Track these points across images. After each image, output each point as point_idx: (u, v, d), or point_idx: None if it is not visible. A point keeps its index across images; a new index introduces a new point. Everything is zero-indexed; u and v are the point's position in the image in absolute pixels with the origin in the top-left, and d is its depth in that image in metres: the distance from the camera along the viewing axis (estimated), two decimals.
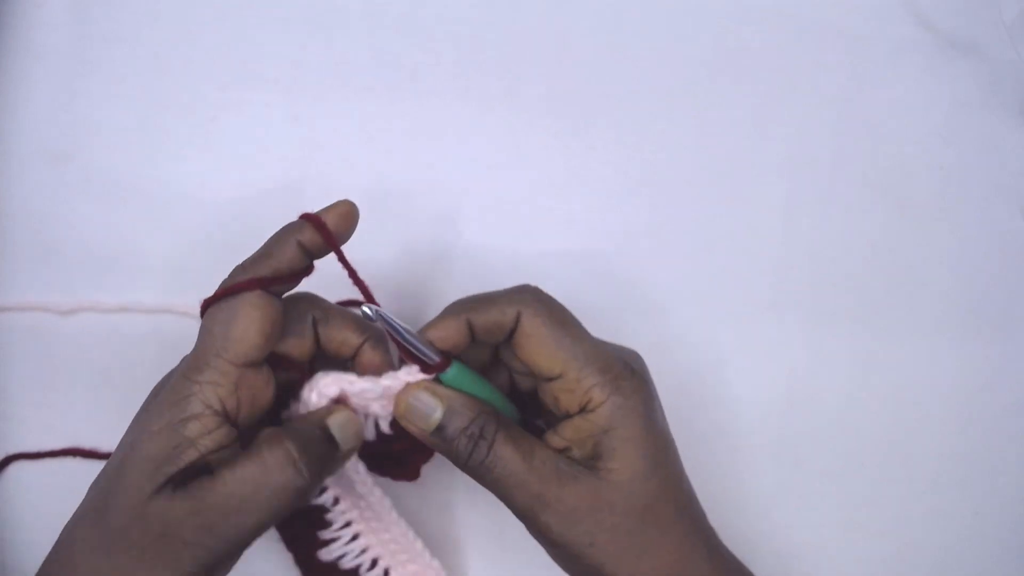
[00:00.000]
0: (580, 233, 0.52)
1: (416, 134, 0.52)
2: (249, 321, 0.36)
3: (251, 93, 0.52)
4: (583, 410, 0.36)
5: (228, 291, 0.36)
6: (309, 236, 0.37)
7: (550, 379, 0.37)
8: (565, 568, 0.38)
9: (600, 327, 0.39)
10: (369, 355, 0.39)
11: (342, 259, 0.38)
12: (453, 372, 0.37)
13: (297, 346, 0.39)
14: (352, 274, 0.39)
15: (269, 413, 0.39)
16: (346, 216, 0.38)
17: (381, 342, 0.39)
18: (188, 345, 0.37)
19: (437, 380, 0.37)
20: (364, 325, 0.39)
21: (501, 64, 0.53)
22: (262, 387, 0.37)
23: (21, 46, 0.52)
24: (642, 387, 0.37)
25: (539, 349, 0.36)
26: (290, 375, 0.39)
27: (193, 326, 0.38)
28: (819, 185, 0.53)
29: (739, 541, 0.48)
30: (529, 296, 0.37)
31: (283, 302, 0.38)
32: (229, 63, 0.53)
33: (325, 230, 0.37)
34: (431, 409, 0.36)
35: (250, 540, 0.35)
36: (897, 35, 0.55)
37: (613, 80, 0.54)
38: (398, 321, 0.36)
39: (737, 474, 0.48)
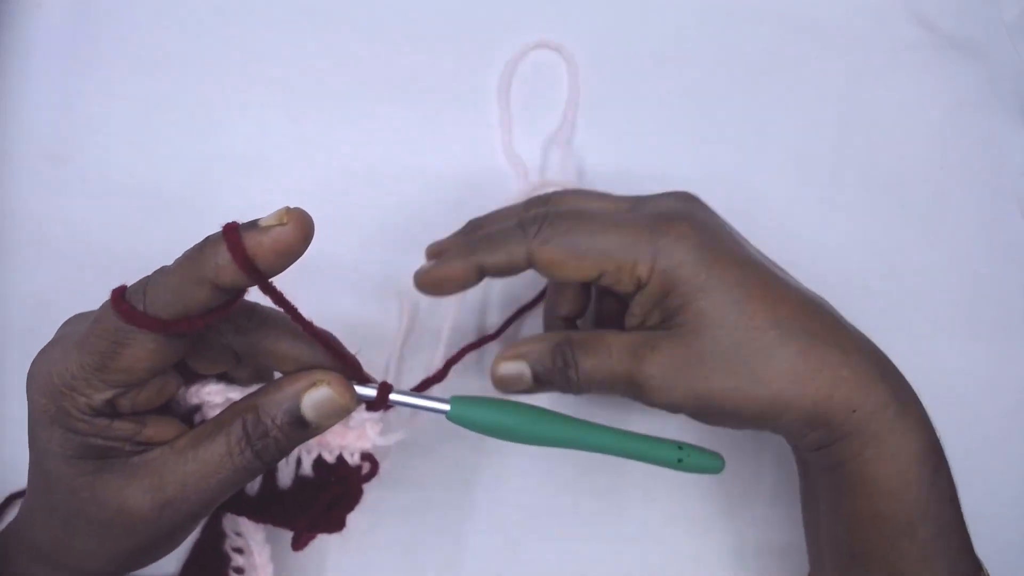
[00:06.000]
0: None
1: (416, 133, 0.52)
2: (135, 360, 0.29)
3: (251, 93, 0.52)
4: (640, 287, 0.36)
5: (126, 317, 0.29)
6: (230, 274, 0.27)
7: (596, 281, 0.37)
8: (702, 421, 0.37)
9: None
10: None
11: (272, 295, 0.29)
12: (454, 409, 0.33)
13: (205, 367, 0.34)
14: (290, 311, 0.30)
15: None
16: (283, 242, 0.27)
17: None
18: None
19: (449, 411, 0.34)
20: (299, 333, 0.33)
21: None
22: (155, 390, 0.32)
23: (21, 46, 0.52)
24: (686, 234, 0.35)
25: (564, 268, 0.36)
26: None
27: None
28: (819, 185, 0.53)
29: (740, 539, 0.48)
30: (532, 228, 0.36)
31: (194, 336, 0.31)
32: (229, 63, 0.53)
33: (245, 264, 0.27)
34: (520, 370, 0.37)
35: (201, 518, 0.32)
36: (897, 35, 0.55)
37: (612, 80, 0.54)
38: (405, 397, 0.33)
39: (736, 472, 0.48)
